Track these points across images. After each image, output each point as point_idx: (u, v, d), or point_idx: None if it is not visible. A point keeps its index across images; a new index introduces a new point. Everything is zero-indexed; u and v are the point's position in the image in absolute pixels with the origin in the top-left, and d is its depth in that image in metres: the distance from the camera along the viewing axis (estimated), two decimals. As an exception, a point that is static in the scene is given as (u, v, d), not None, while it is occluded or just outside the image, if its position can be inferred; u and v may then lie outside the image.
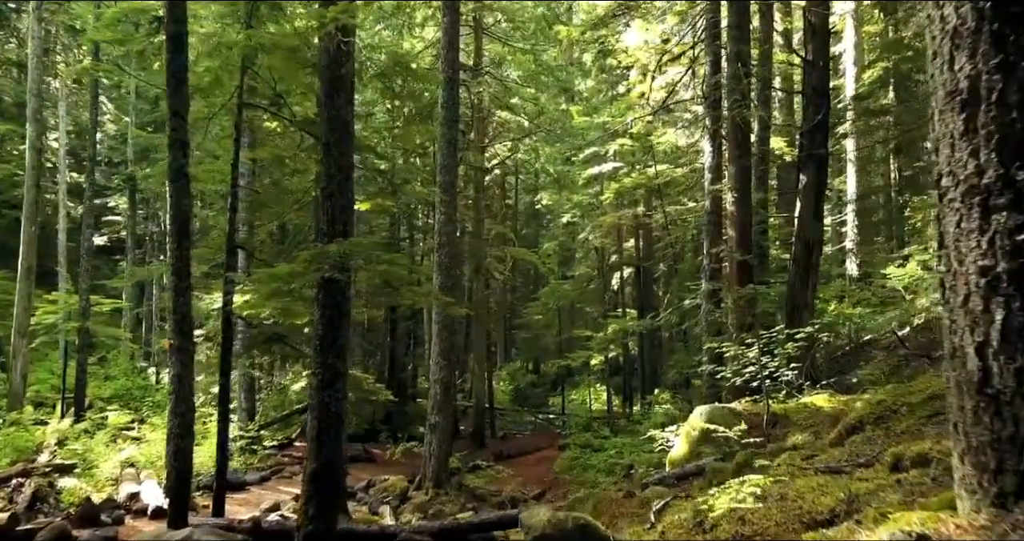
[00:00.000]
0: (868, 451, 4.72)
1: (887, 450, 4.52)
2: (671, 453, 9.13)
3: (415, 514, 12.66)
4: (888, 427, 5.28)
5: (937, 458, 3.29)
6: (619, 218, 23.37)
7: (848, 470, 4.08)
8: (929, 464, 3.32)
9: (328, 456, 6.78)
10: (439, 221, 14.57)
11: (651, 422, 17.12)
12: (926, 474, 3.23)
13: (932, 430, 4.78)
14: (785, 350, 8.81)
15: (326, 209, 7.04)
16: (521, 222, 39.14)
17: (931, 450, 3.45)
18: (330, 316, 6.95)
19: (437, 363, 14.42)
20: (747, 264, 12.63)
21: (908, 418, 5.21)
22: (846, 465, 4.26)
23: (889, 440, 4.89)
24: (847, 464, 4.29)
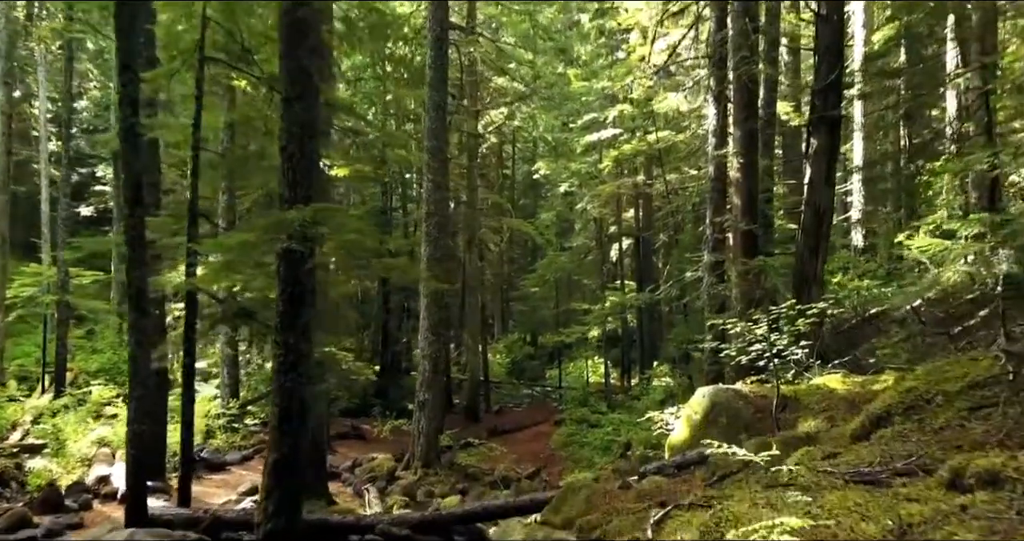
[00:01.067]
0: (902, 451, 4.03)
1: (928, 452, 3.83)
2: (671, 437, 8.48)
3: (402, 496, 12.09)
4: (922, 420, 4.59)
5: (1015, 478, 2.61)
6: (618, 187, 22.54)
7: (887, 480, 3.39)
8: (1002, 485, 2.64)
9: (291, 446, 6.12)
10: (427, 189, 13.80)
11: (649, 398, 16.53)
12: (1000, 499, 2.56)
13: (978, 427, 4.09)
14: (795, 327, 8.11)
15: (286, 172, 6.27)
16: (519, 192, 38.33)
17: (1004, 467, 2.75)
18: (291, 292, 6.23)
19: (426, 338, 13.75)
20: (752, 234, 11.88)
21: (946, 410, 4.52)
22: (882, 472, 3.57)
23: (926, 437, 4.20)
24: (883, 470, 3.61)
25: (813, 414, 7.17)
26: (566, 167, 24.90)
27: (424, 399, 13.68)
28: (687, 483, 6.61)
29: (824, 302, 8.11)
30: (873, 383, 7.40)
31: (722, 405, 7.84)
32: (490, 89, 23.80)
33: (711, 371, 12.23)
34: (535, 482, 14.59)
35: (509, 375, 30.70)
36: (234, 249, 6.11)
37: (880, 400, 5.15)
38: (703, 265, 12.63)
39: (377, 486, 12.61)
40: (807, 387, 7.95)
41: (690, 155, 20.92)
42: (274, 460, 6.09)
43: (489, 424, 19.95)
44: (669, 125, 21.35)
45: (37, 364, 22.37)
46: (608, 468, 14.30)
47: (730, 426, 7.66)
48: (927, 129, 24.21)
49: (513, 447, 17.76)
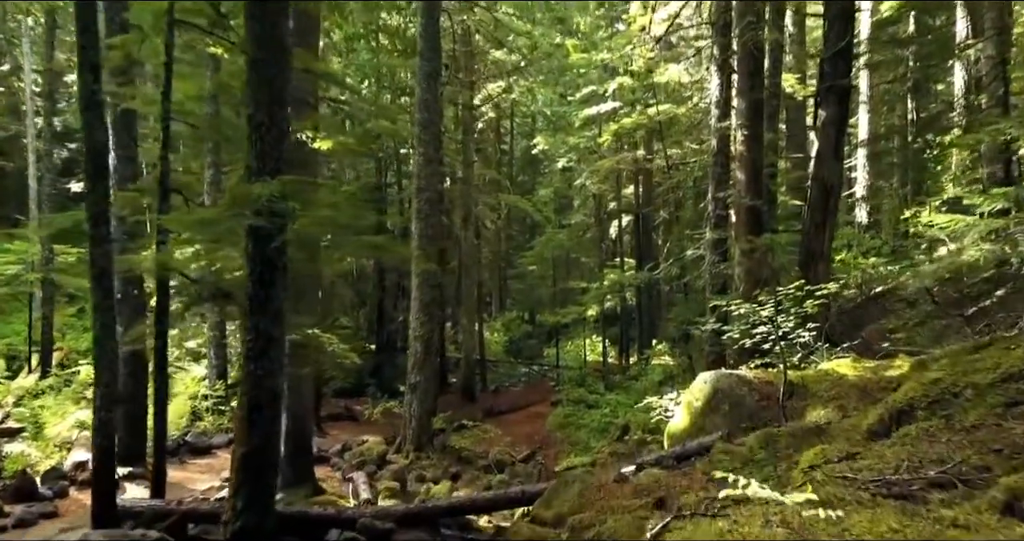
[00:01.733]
0: (931, 454, 3.57)
1: (964, 457, 3.37)
2: (671, 424, 8.05)
3: (391, 481, 11.71)
4: (950, 417, 4.13)
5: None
6: (618, 162, 21.93)
7: (921, 494, 2.93)
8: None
9: (261, 438, 5.67)
10: (417, 163, 13.25)
11: (648, 380, 16.13)
12: (1076, 533, 2.12)
13: (1017, 426, 3.62)
14: (803, 308, 7.64)
15: (254, 142, 5.75)
16: (517, 168, 37.72)
17: (1077, 491, 2.31)
18: (261, 272, 5.75)
19: (418, 318, 13.29)
20: (757, 210, 11.37)
21: (977, 405, 4.06)
22: (912, 482, 3.11)
23: (957, 438, 3.74)
24: (913, 480, 3.15)
25: (822, 402, 6.72)
26: (564, 142, 24.28)
27: (416, 381, 13.26)
28: (687, 477, 6.16)
29: (835, 282, 7.61)
30: (886, 369, 6.95)
31: (724, 392, 7.39)
32: (487, 61, 23.09)
33: (711, 352, 11.80)
34: (530, 466, 14.24)
35: (506, 353, 30.33)
36: (195, 226, 5.61)
37: (901, 392, 4.68)
38: (705, 243, 12.13)
39: (366, 471, 12.23)
40: (815, 373, 7.50)
41: (691, 128, 20.31)
42: (243, 454, 5.64)
43: (485, 404, 19.58)
44: (670, 98, 20.70)
45: (26, 343, 21.97)
46: (605, 451, 13.96)
47: (733, 414, 7.23)
48: (934, 103, 23.56)
49: (508, 429, 17.40)
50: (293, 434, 10.33)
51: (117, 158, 11.05)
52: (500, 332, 32.83)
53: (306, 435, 10.50)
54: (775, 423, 6.87)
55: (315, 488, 10.65)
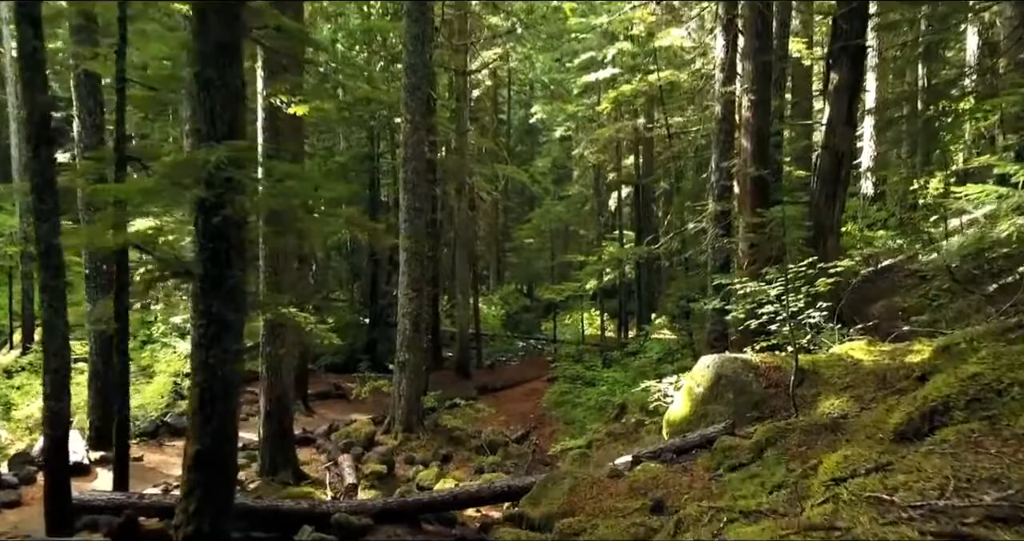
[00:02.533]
0: (981, 468, 2.99)
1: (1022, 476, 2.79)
2: (670, 411, 7.50)
3: (378, 464, 11.23)
4: (994, 420, 3.55)
5: None
6: (617, 131, 21.18)
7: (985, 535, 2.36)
8: None
9: (215, 434, 5.11)
10: (405, 130, 12.54)
11: (646, 357, 15.61)
12: None
13: (1084, 437, 3.03)
14: (814, 287, 7.05)
15: (202, 102, 5.10)
16: (515, 138, 36.89)
17: None
18: (213, 249, 5.13)
19: (406, 295, 12.69)
20: (763, 181, 10.72)
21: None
22: (967, 512, 2.54)
23: (1008, 448, 3.17)
24: (967, 508, 2.57)
25: (836, 391, 6.16)
26: (562, 109, 23.47)
27: (405, 360, 12.71)
28: (688, 474, 5.63)
29: (848, 259, 6.99)
30: (905, 353, 6.38)
31: (729, 378, 6.83)
32: (482, 25, 22.20)
33: (713, 331, 11.24)
34: (524, 446, 13.77)
35: (504, 327, 29.83)
36: (136, 196, 4.99)
37: (933, 385, 4.10)
38: (707, 215, 11.50)
39: (353, 453, 11.73)
40: (826, 357, 6.93)
41: (694, 96, 19.52)
42: (195, 452, 5.09)
43: (479, 381, 19.10)
44: (671, 63, 19.87)
45: (8, 318, 21.42)
46: (601, 431, 13.48)
47: (738, 402, 6.68)
48: (945, 68, 22.69)
49: (503, 406, 16.92)
50: (273, 416, 9.82)
51: (82, 125, 10.38)
52: (498, 306, 32.29)
53: (286, 417, 9.97)
54: (783, 412, 6.32)
55: (296, 473, 10.16)
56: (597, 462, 11.38)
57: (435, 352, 20.65)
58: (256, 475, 9.92)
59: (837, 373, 6.47)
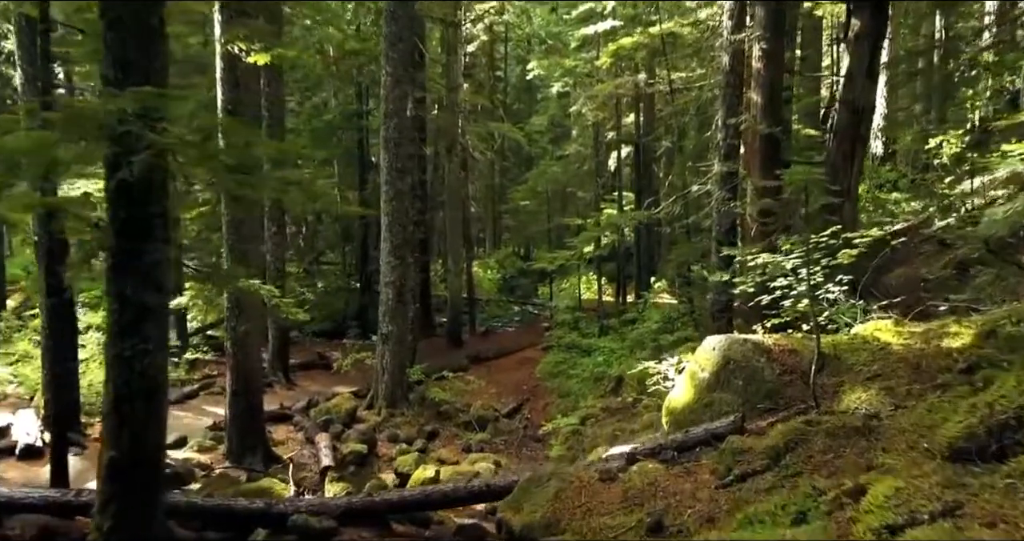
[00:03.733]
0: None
1: None
2: (671, 398, 6.73)
3: (358, 444, 10.53)
4: (1093, 445, 2.75)
5: None
6: (616, 87, 20.06)
7: None
8: None
9: (135, 439, 4.33)
10: (385, 84, 11.57)
11: (645, 327, 14.84)
12: None
13: None
14: (835, 259, 6.20)
15: (109, 44, 4.19)
16: (512, 96, 35.69)
17: None
18: (126, 219, 4.28)
19: (388, 263, 11.87)
20: (774, 139, 9.80)
21: None
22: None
23: None
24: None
25: (862, 381, 5.36)
26: (559, 64, 22.31)
27: (388, 331, 11.95)
28: (692, 478, 4.87)
29: (876, 227, 6.13)
30: (941, 336, 5.56)
31: (737, 362, 6.03)
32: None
33: (717, 303, 10.43)
34: (515, 421, 13.10)
35: (500, 292, 29.07)
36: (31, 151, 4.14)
37: (1001, 391, 3.30)
38: (712, 176, 10.59)
39: (332, 431, 11.04)
40: (849, 339, 6.12)
41: (698, 49, 18.38)
42: (110, 459, 4.30)
43: (472, 349, 18.39)
44: (675, 14, 18.70)
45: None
46: (596, 406, 12.80)
47: (748, 391, 5.89)
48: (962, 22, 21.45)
49: (495, 377, 16.24)
50: (240, 396, 9.08)
51: (24, 76, 9.41)
52: (494, 269, 31.51)
53: (255, 396, 9.24)
54: (800, 404, 5.53)
55: (268, 455, 9.47)
56: (590, 442, 10.74)
57: (426, 320, 19.91)
58: (223, 458, 9.23)
59: (862, 359, 5.67)
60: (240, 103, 8.63)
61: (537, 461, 11.01)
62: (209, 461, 9.04)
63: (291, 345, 18.11)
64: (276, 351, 14.11)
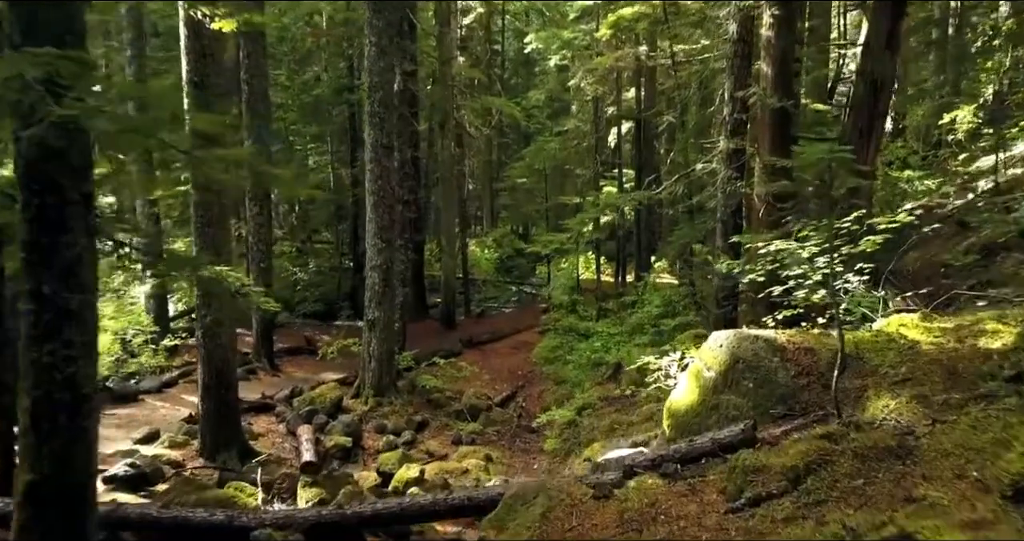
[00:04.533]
0: None
1: None
2: (673, 399, 6.14)
3: (343, 436, 10.01)
4: None
5: None
6: (617, 60, 19.28)
7: None
8: None
9: (58, 459, 3.75)
10: (369, 55, 10.85)
11: (645, 312, 14.25)
12: None
13: None
14: (858, 246, 5.59)
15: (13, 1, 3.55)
16: (509, 70, 34.80)
17: None
18: (40, 206, 3.66)
19: (374, 246, 11.25)
20: (786, 113, 9.11)
21: None
22: None
23: None
24: None
25: (889, 386, 4.77)
26: (557, 36, 21.47)
27: (375, 318, 11.37)
28: (697, 498, 4.30)
29: (907, 214, 5.49)
30: (976, 334, 4.96)
31: (748, 362, 5.44)
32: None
33: (723, 288, 9.81)
34: (508, 410, 12.55)
35: (497, 272, 28.44)
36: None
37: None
38: (718, 154, 9.92)
39: (316, 422, 10.51)
40: (872, 336, 5.52)
41: (702, 20, 17.57)
42: (28, 484, 3.73)
43: (466, 333, 17.81)
44: (679, -17, 17.86)
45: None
46: (594, 395, 12.25)
47: (759, 394, 5.31)
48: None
49: (489, 362, 15.70)
50: (212, 390, 8.51)
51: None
52: (491, 248, 30.87)
53: (229, 390, 8.67)
54: (819, 411, 4.95)
55: (244, 450, 8.92)
56: (587, 435, 10.21)
57: (419, 302, 19.34)
58: (197, 454, 8.69)
59: (889, 359, 5.08)
60: (208, 75, 7.95)
61: (531, 454, 10.50)
62: (181, 458, 8.49)
63: (279, 328, 17.58)
64: (260, 336, 13.55)
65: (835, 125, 12.32)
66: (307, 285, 22.77)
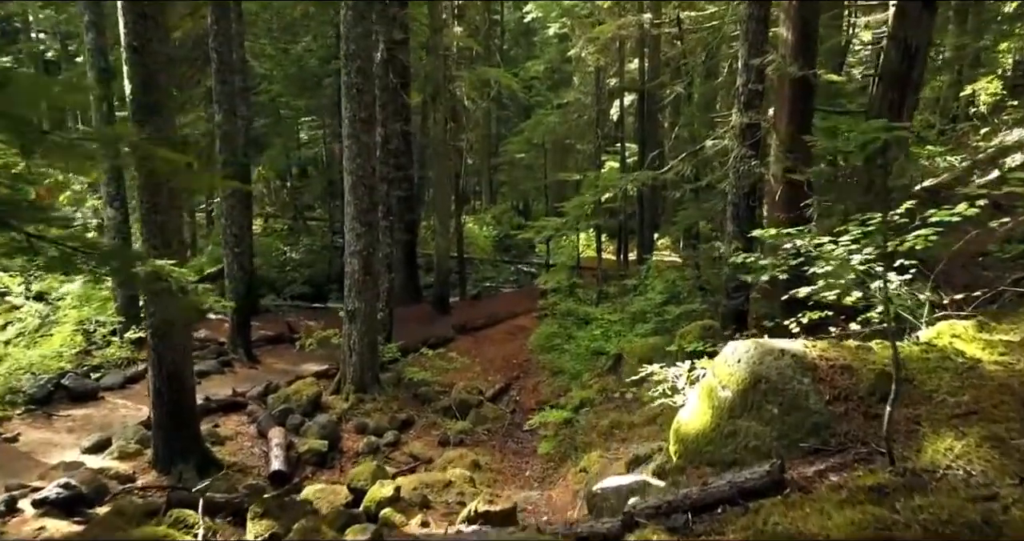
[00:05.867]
0: None
1: None
2: (682, 419, 5.25)
3: (318, 439, 9.20)
4: None
5: None
6: (619, 28, 18.13)
7: None
8: None
9: None
10: (346, 19, 9.82)
11: (647, 300, 13.32)
12: None
13: None
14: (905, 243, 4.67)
15: None
16: (509, 41, 33.56)
17: None
18: None
19: (353, 229, 10.33)
20: (808, 84, 8.12)
21: None
22: None
23: None
24: None
25: (949, 418, 3.87)
26: (557, 3, 20.31)
27: (355, 308, 10.49)
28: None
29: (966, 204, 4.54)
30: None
31: (772, 383, 4.54)
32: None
33: (733, 279, 8.87)
34: (501, 405, 11.72)
35: (496, 251, 27.52)
36: None
37: None
38: (730, 129, 8.93)
39: (290, 423, 9.69)
40: (921, 351, 4.60)
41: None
42: None
43: (460, 317, 16.96)
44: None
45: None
46: (593, 388, 11.40)
47: (786, 422, 4.42)
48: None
49: (483, 349, 14.86)
50: (164, 395, 7.65)
51: None
52: (490, 226, 29.92)
53: (184, 395, 7.80)
54: (860, 448, 4.06)
55: (205, 459, 8.08)
56: (584, 438, 9.36)
57: (411, 284, 18.46)
58: (149, 466, 7.85)
59: (945, 383, 4.18)
60: (150, 40, 6.95)
61: (523, 457, 9.67)
62: (132, 470, 7.66)
63: (262, 314, 16.76)
64: (236, 325, 12.68)
65: (855, 97, 11.28)
66: (297, 265, 21.88)
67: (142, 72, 6.98)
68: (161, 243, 7.33)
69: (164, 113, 7.20)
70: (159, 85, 7.11)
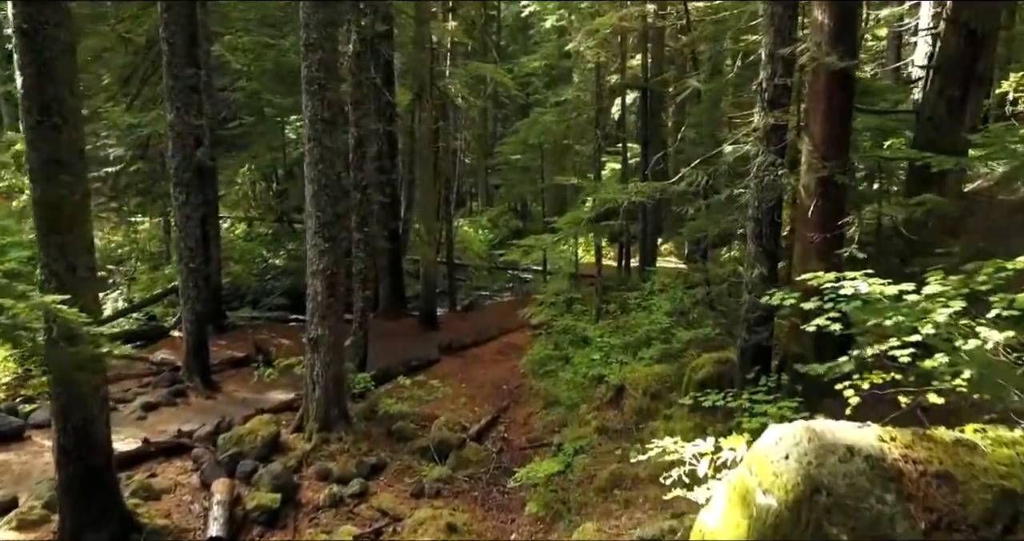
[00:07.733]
0: None
1: None
2: (706, 527, 3.89)
3: (270, 492, 7.89)
4: None
5: None
6: (620, 20, 16.78)
7: None
8: None
9: None
10: (304, 6, 8.49)
11: (650, 318, 11.97)
12: None
13: None
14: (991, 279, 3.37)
15: None
16: (506, 36, 32.30)
17: None
18: None
19: (315, 246, 9.00)
20: (848, 78, 6.78)
21: None
22: None
23: None
24: None
25: None
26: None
27: (318, 335, 9.17)
28: None
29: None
30: None
31: (838, 496, 3.20)
32: None
33: (754, 308, 7.51)
34: (486, 444, 10.37)
35: (491, 256, 26.19)
36: None
37: None
38: (752, 132, 7.57)
39: (241, 471, 8.38)
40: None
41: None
42: None
43: (448, 334, 15.66)
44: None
45: None
46: (591, 422, 10.09)
47: None
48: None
49: (470, 372, 13.55)
50: (72, 454, 6.33)
51: None
52: (486, 229, 28.62)
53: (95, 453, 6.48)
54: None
55: (125, 525, 6.79)
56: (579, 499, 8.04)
57: (396, 297, 17.16)
58: (54, 538, 6.54)
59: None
60: (45, 23, 5.64)
61: (509, 514, 8.32)
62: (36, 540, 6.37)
63: (230, 330, 15.47)
64: (191, 349, 11.36)
65: (891, 93, 9.90)
66: (279, 273, 20.54)
67: (36, 62, 5.68)
68: (64, 268, 6.03)
69: (65, 112, 5.88)
70: (58, 79, 5.80)
